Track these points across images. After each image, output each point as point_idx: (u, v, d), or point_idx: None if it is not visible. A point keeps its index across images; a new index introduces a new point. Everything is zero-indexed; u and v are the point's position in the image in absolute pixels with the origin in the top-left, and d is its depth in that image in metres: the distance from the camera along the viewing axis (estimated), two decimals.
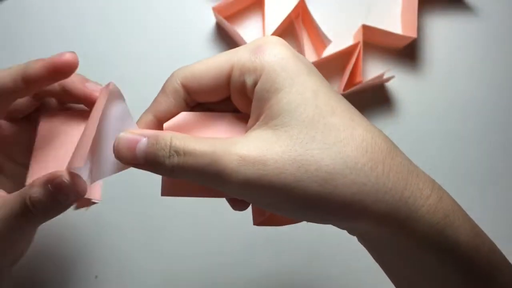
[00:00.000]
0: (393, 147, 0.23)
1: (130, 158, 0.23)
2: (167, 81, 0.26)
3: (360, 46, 0.42)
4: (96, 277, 0.43)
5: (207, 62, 0.24)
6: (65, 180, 0.24)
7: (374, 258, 0.26)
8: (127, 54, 0.45)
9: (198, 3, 0.45)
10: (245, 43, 0.41)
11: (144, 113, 0.26)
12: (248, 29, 0.45)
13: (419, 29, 0.45)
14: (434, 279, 0.24)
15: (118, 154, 0.23)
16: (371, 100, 0.45)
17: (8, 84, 0.26)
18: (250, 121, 0.24)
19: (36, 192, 0.24)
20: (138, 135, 0.23)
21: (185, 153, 0.22)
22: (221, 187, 0.22)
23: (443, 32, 0.46)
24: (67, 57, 0.26)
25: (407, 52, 0.46)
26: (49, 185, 0.24)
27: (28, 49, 0.45)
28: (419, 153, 0.45)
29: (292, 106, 0.22)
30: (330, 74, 0.45)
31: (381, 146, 0.22)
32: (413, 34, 0.43)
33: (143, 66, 0.45)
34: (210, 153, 0.21)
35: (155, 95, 0.45)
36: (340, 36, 0.45)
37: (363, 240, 0.25)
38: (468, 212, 0.45)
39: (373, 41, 0.45)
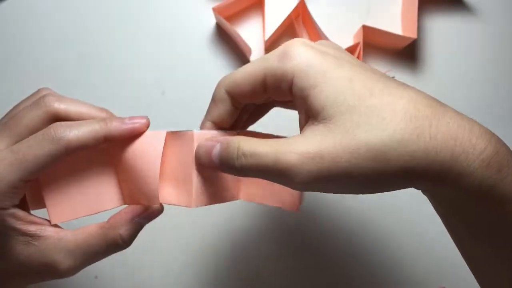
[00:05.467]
0: (438, 109, 0.24)
1: (208, 162, 0.27)
2: (215, 91, 0.28)
3: (360, 46, 0.42)
4: (96, 277, 0.43)
5: (244, 70, 0.27)
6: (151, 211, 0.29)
7: (443, 221, 0.28)
8: (127, 54, 0.45)
9: (198, 3, 0.45)
10: (245, 44, 0.41)
11: (203, 120, 0.30)
12: (248, 30, 0.45)
13: (419, 29, 0.45)
14: (486, 235, 0.25)
15: (198, 159, 0.28)
16: None
17: (90, 143, 0.27)
18: (301, 118, 0.26)
19: (127, 230, 0.28)
20: (214, 142, 0.27)
21: (251, 155, 0.25)
22: (286, 183, 0.24)
23: (443, 33, 0.46)
24: (145, 123, 0.28)
25: (407, 53, 0.46)
26: (136, 219, 0.29)
27: (28, 49, 0.45)
28: None
29: (331, 98, 0.24)
30: None
31: (425, 112, 0.23)
32: (413, 34, 0.43)
33: (143, 66, 0.45)
34: (273, 153, 0.24)
35: (156, 94, 0.45)
36: (340, 37, 0.45)
37: (428, 196, 0.27)
38: None
39: (373, 42, 0.45)
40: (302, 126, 0.26)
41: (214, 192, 0.29)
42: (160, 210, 0.30)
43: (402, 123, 0.23)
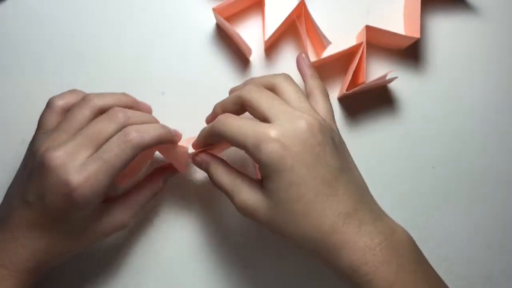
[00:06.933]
0: (349, 238, 0.32)
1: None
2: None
3: (364, 46, 0.42)
4: (96, 277, 0.43)
5: (233, 127, 0.34)
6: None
7: None
8: (127, 54, 0.45)
9: (198, 3, 0.45)
10: (245, 44, 0.41)
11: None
12: (248, 30, 0.45)
13: (422, 29, 0.45)
14: None
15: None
16: (374, 101, 0.45)
17: (154, 145, 0.36)
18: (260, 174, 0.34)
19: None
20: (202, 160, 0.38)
21: (216, 178, 0.36)
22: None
23: (447, 32, 0.46)
24: (179, 136, 0.39)
25: (410, 53, 0.45)
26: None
27: (27, 49, 0.45)
28: (422, 155, 0.45)
29: (276, 190, 0.32)
30: (332, 75, 0.45)
31: (328, 234, 0.32)
32: (416, 34, 0.42)
33: (143, 66, 0.45)
34: (230, 189, 0.35)
35: (155, 95, 0.45)
36: (341, 37, 0.45)
37: None
38: (470, 213, 0.45)
39: (375, 42, 0.45)
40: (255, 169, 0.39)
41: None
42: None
43: (312, 229, 0.32)
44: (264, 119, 0.34)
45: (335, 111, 0.44)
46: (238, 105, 0.36)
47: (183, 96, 0.44)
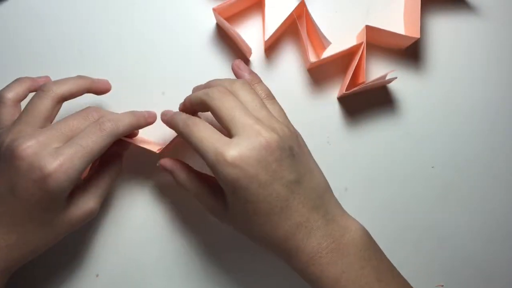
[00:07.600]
0: (299, 244, 0.34)
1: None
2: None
3: (364, 46, 0.42)
4: (97, 275, 0.43)
5: (200, 139, 0.34)
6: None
7: None
8: (127, 54, 0.45)
9: (198, 3, 0.45)
10: (245, 44, 0.41)
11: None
12: (248, 30, 0.45)
13: (422, 29, 0.45)
14: None
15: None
16: (374, 101, 0.45)
17: (129, 131, 0.38)
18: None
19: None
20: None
21: (181, 187, 0.39)
22: None
23: (446, 32, 0.46)
24: (153, 117, 0.41)
25: (410, 52, 0.45)
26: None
27: (28, 49, 0.45)
28: (422, 155, 0.45)
29: (233, 204, 0.34)
30: (332, 75, 0.45)
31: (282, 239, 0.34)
32: (416, 34, 0.42)
33: (143, 66, 0.45)
34: (195, 195, 0.38)
35: (155, 95, 0.45)
36: (341, 37, 0.45)
37: None
38: (474, 214, 0.45)
39: (375, 42, 0.45)
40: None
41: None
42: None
43: (272, 232, 0.34)
44: (225, 128, 0.34)
45: (335, 111, 0.45)
46: (203, 106, 0.36)
47: (183, 96, 0.44)
